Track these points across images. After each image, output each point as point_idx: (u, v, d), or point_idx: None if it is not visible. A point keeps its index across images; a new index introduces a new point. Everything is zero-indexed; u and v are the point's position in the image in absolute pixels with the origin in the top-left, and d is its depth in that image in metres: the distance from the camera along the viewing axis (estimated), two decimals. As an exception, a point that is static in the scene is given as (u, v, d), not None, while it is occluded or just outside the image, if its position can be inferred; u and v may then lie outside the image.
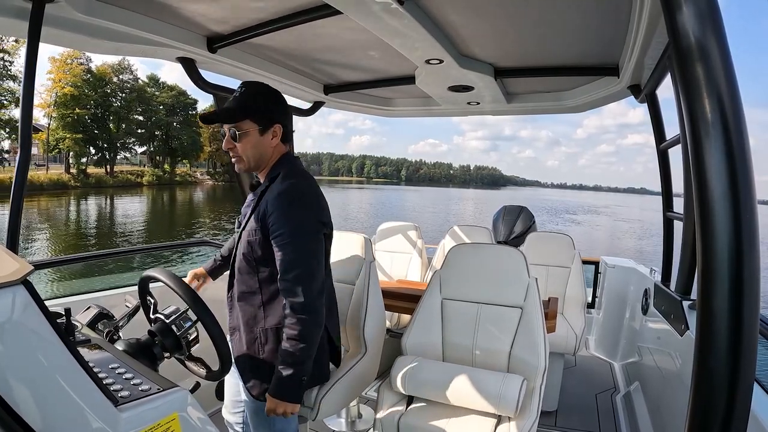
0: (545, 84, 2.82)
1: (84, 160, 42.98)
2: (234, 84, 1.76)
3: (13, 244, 1.64)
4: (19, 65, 36.46)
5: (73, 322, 1.10)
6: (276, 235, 1.39)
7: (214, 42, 2.13)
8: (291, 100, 3.17)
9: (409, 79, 2.65)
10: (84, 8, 1.64)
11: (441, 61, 2.17)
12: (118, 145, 45.94)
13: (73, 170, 42.20)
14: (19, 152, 1.62)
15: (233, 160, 1.48)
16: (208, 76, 2.39)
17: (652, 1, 1.42)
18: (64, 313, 1.05)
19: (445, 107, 3.22)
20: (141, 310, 1.40)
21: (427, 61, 2.18)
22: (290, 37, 2.10)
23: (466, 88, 2.67)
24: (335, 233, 2.22)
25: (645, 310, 2.89)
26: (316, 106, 3.20)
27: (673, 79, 1.77)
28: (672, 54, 0.61)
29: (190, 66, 2.23)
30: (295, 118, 3.20)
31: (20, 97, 1.63)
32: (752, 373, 0.56)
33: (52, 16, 1.60)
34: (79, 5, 1.62)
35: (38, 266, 2.18)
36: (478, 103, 3.04)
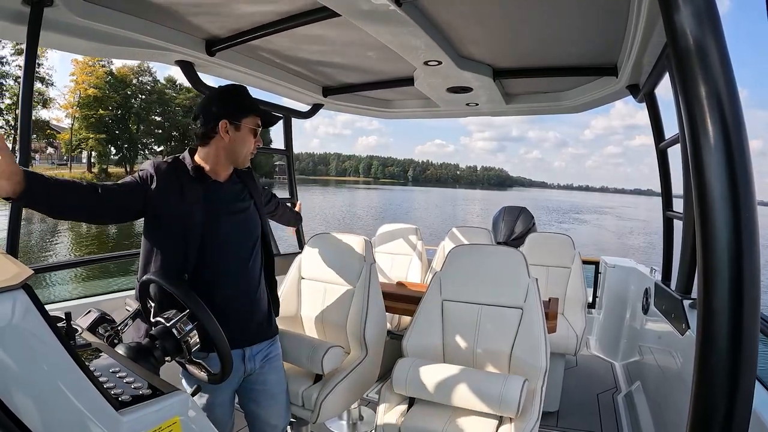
0: (544, 84, 2.83)
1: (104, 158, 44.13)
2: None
3: (13, 249, 1.64)
4: (46, 67, 37.48)
5: (73, 326, 1.10)
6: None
7: (213, 45, 2.13)
8: (290, 103, 3.18)
9: (408, 81, 2.65)
10: (82, 12, 1.65)
11: (439, 63, 2.18)
12: (139, 145, 46.86)
13: (95, 169, 43.11)
14: (18, 158, 1.61)
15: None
16: (207, 79, 2.40)
17: (649, 1, 1.43)
18: (64, 317, 1.05)
19: (444, 108, 3.23)
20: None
21: (426, 63, 2.19)
22: (288, 39, 2.11)
23: (465, 89, 2.68)
24: (335, 235, 2.24)
25: (645, 310, 2.89)
26: (315, 108, 3.20)
27: (671, 79, 1.78)
28: (670, 54, 0.61)
29: (188, 69, 2.24)
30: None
31: (19, 103, 1.63)
32: (754, 372, 0.56)
33: (50, 20, 1.60)
34: (77, 9, 1.62)
35: (38, 270, 2.18)
36: (477, 104, 3.05)
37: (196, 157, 1.52)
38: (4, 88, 35.36)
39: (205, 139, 1.49)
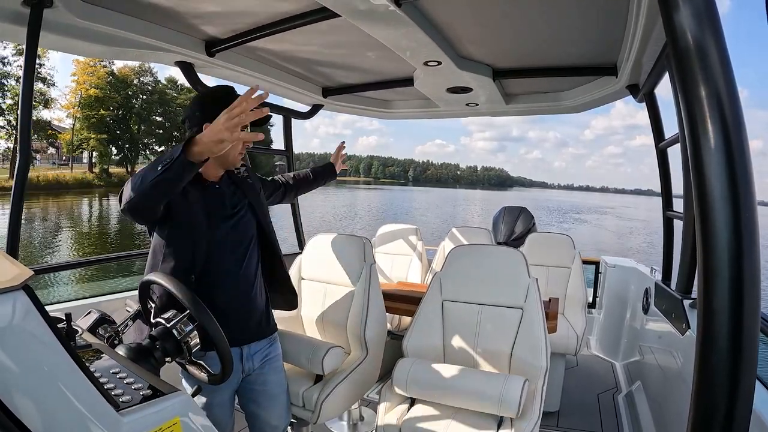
0: (543, 84, 2.83)
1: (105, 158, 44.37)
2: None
3: (13, 250, 1.64)
4: (47, 67, 37.77)
5: (73, 327, 1.10)
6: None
7: (213, 46, 2.13)
8: (290, 103, 3.18)
9: (408, 81, 2.65)
10: (82, 13, 1.64)
11: (439, 63, 2.17)
12: (140, 145, 47.09)
13: (96, 169, 43.43)
14: (18, 158, 1.62)
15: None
16: (207, 80, 2.39)
17: (649, 1, 1.43)
18: (64, 318, 1.05)
19: (444, 108, 3.23)
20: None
21: (426, 63, 2.19)
22: (288, 40, 2.11)
23: (465, 90, 2.67)
24: (334, 236, 2.23)
25: (646, 310, 2.89)
26: (315, 108, 3.20)
27: (671, 79, 1.78)
28: (670, 53, 0.61)
29: (188, 70, 2.23)
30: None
31: (19, 103, 1.63)
32: (754, 371, 0.56)
33: (50, 21, 1.60)
34: (77, 10, 1.62)
35: (38, 271, 2.19)
36: (477, 105, 3.04)
37: None
38: (6, 89, 35.52)
39: None
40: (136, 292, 1.41)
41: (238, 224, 1.56)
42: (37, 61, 1.63)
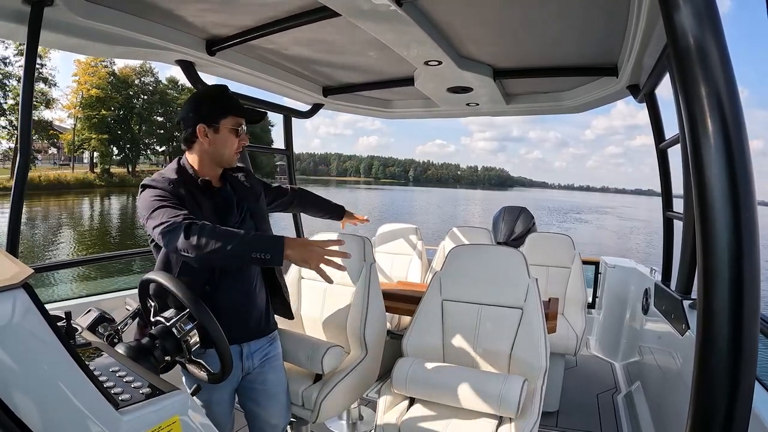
0: (544, 84, 2.82)
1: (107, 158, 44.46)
2: (232, 86, 1.76)
3: (13, 248, 1.64)
4: (49, 67, 37.80)
5: (73, 325, 1.10)
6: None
7: (213, 45, 2.13)
8: (290, 103, 3.17)
9: (408, 81, 2.65)
10: (83, 12, 1.64)
11: (440, 63, 2.17)
12: (141, 145, 47.23)
13: (97, 169, 43.66)
14: (18, 157, 1.62)
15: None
16: (208, 79, 2.39)
17: (649, 1, 1.43)
18: (64, 316, 1.05)
19: (444, 108, 3.23)
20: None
21: (426, 63, 2.18)
22: (288, 39, 2.11)
23: (465, 89, 2.67)
24: (335, 235, 2.23)
25: (645, 310, 2.89)
26: (316, 108, 3.20)
27: (671, 79, 1.78)
28: (670, 54, 0.61)
29: (189, 69, 2.23)
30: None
31: (19, 103, 1.63)
32: (753, 372, 0.56)
33: (50, 19, 1.60)
34: (77, 9, 1.62)
35: (38, 270, 2.19)
36: (477, 104, 3.04)
37: (189, 161, 1.54)
38: (8, 89, 35.50)
39: (188, 144, 1.51)
40: (136, 291, 1.41)
41: (237, 225, 1.55)
42: (39, 61, 1.63)
